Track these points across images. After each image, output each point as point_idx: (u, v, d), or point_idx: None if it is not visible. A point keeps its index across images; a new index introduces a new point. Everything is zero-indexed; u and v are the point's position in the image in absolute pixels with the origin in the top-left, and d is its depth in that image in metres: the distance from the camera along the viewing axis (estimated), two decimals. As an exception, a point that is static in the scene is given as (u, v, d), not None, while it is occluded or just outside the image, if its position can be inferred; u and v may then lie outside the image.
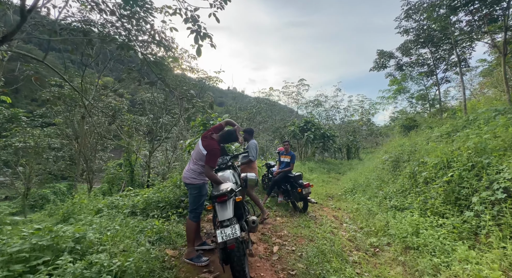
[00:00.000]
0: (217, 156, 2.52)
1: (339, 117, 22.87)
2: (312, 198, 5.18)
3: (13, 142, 13.89)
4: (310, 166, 12.30)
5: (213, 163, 2.49)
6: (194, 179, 2.55)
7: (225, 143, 2.77)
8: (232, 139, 2.74)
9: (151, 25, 4.54)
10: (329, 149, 15.59)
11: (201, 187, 2.57)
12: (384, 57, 13.80)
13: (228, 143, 2.74)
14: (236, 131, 2.75)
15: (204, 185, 2.59)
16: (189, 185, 2.57)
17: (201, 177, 2.56)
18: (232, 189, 2.22)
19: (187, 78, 11.09)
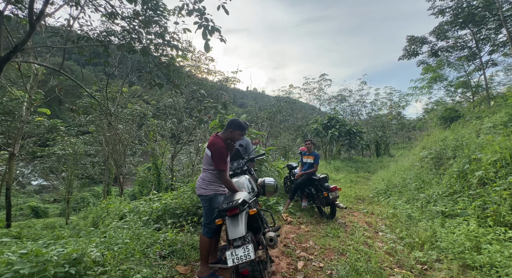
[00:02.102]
0: (223, 155, 2.19)
1: (365, 112, 21.52)
2: (340, 202, 4.69)
3: (55, 150, 15.18)
4: (336, 165, 11.58)
5: (223, 165, 2.17)
6: (203, 190, 2.28)
7: (233, 139, 2.39)
8: (240, 127, 2.35)
9: (164, 28, 4.43)
10: (356, 146, 14.61)
11: (211, 198, 2.25)
12: (416, 43, 12.51)
13: (237, 140, 2.37)
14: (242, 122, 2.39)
15: (215, 197, 2.26)
16: (200, 196, 2.32)
17: (211, 187, 2.28)
18: (244, 200, 1.89)
19: (196, 78, 11.12)
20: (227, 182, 2.20)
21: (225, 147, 2.25)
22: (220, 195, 2.29)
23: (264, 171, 6.21)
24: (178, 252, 2.61)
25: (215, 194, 2.27)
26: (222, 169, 2.18)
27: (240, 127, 2.33)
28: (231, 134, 2.32)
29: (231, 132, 2.33)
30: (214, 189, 2.28)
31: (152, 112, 16.88)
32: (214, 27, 2.94)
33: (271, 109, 13.70)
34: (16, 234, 5.22)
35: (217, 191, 2.28)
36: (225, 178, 2.20)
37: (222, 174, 2.18)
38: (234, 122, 2.33)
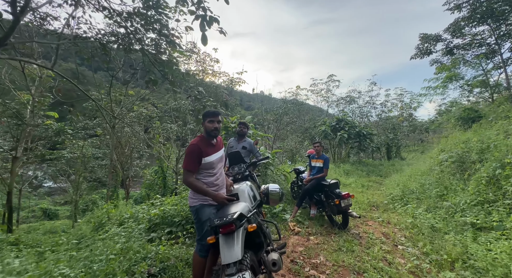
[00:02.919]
0: (191, 153, 1.89)
1: (375, 114, 20.85)
2: (353, 210, 4.30)
3: (63, 153, 15.34)
4: (346, 168, 11.08)
5: (188, 164, 1.87)
6: (190, 199, 1.98)
7: (211, 136, 2.03)
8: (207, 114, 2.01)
9: (166, 27, 4.20)
10: (366, 149, 14.06)
11: (198, 210, 1.93)
12: (429, 41, 11.96)
13: (210, 129, 1.99)
14: None
15: (202, 208, 1.93)
16: (190, 207, 2.02)
17: (197, 196, 1.96)
18: (241, 214, 1.56)
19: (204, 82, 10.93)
20: (190, 183, 1.87)
21: (196, 144, 1.92)
22: (209, 206, 1.95)
23: (270, 175, 5.86)
24: (171, 269, 2.30)
25: (202, 204, 1.94)
26: (186, 168, 1.88)
27: (207, 114, 2.01)
28: (204, 127, 2.03)
29: (203, 124, 2.05)
30: (200, 198, 1.95)
31: (159, 115, 16.87)
32: (212, 17, 2.66)
33: (277, 111, 13.35)
34: (14, 240, 5.05)
35: (204, 200, 1.95)
36: (187, 179, 1.88)
37: (185, 175, 1.88)
38: (203, 115, 2.05)
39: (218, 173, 2.06)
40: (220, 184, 2.06)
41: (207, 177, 1.98)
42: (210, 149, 1.99)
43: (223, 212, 1.67)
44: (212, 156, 1.98)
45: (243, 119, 6.51)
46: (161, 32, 3.92)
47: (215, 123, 2.00)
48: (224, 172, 2.99)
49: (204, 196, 1.93)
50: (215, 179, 2.02)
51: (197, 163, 1.90)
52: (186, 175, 1.88)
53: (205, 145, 1.96)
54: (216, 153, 2.05)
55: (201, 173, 1.97)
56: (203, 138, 2.02)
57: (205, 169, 1.96)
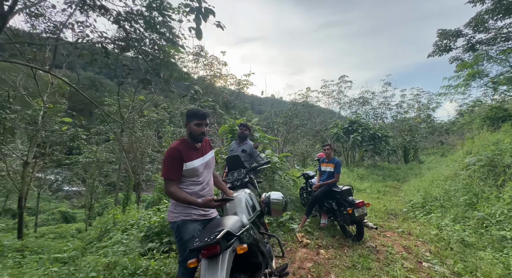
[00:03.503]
0: (169, 159, 1.63)
1: (390, 115, 19.97)
2: (368, 220, 3.90)
3: (78, 158, 15.78)
4: (360, 172, 10.52)
5: (168, 173, 1.62)
6: (170, 214, 1.72)
7: (196, 140, 1.75)
8: (195, 115, 1.72)
9: (170, 28, 4.07)
10: (381, 152, 13.35)
11: (179, 226, 1.65)
12: (448, 37, 11.27)
13: (196, 133, 1.72)
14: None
15: (184, 225, 1.64)
16: None
17: (179, 209, 1.68)
18: (229, 232, 1.29)
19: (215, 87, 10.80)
20: (172, 193, 1.60)
21: (175, 148, 1.65)
22: (193, 222, 1.66)
23: (278, 180, 5.55)
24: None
25: (184, 220, 1.65)
26: (166, 178, 1.62)
27: (194, 115, 1.71)
28: (189, 129, 1.75)
29: (187, 125, 1.76)
30: (182, 212, 1.67)
31: (169, 119, 17.03)
32: (207, 8, 2.45)
33: (287, 114, 13.01)
34: (20, 247, 5.04)
35: (187, 215, 1.66)
36: (168, 189, 1.61)
37: (165, 184, 1.62)
38: (188, 113, 1.75)
39: (205, 182, 1.78)
40: (208, 195, 1.77)
41: (192, 185, 1.71)
42: (193, 153, 1.73)
43: (211, 228, 1.40)
44: (195, 161, 1.71)
45: (249, 121, 6.27)
46: (163, 34, 3.78)
47: (202, 127, 1.73)
48: (223, 178, 2.73)
49: (187, 210, 1.66)
50: (201, 188, 1.74)
51: (178, 170, 1.63)
52: (167, 184, 1.62)
53: (186, 149, 1.70)
54: (202, 157, 1.77)
55: (184, 182, 1.70)
56: (185, 141, 1.74)
57: (188, 177, 1.69)
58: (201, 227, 1.66)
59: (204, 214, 1.73)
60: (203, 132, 1.73)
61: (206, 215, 1.74)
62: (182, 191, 1.64)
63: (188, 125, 1.74)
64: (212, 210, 1.80)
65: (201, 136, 1.74)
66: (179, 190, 1.62)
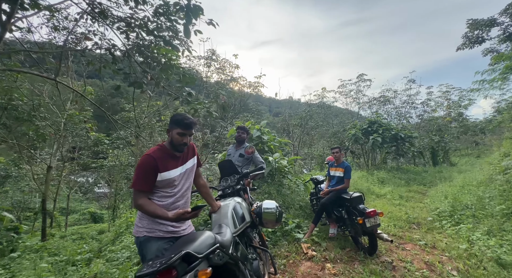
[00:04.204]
0: (142, 168, 1.45)
1: (415, 115, 18.66)
2: (383, 231, 3.52)
3: (103, 162, 16.70)
4: (380, 176, 9.83)
5: (137, 183, 1.45)
6: (135, 227, 1.54)
7: (178, 149, 1.57)
8: (178, 123, 1.52)
9: (176, 33, 4.07)
10: (405, 154, 12.41)
11: (142, 243, 1.46)
12: (480, 27, 10.24)
13: (179, 143, 1.54)
14: None
15: (147, 241, 1.44)
16: None
17: (144, 223, 1.48)
18: (189, 253, 1.09)
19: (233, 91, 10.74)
20: (140, 206, 1.42)
21: (150, 155, 1.48)
22: (158, 240, 1.45)
23: (287, 185, 5.29)
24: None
25: (147, 236, 1.45)
26: (135, 188, 1.45)
27: (177, 123, 1.52)
28: (170, 136, 1.57)
29: (168, 132, 1.59)
30: (146, 227, 1.46)
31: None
32: (196, 5, 2.33)
33: (301, 115, 12.61)
34: (39, 248, 5.29)
35: (151, 231, 1.46)
36: (137, 201, 1.42)
37: (134, 196, 1.45)
38: (172, 119, 1.58)
39: (180, 193, 1.58)
40: (182, 209, 1.56)
41: (164, 198, 1.52)
42: (171, 162, 1.56)
43: (174, 248, 1.22)
44: (172, 171, 1.54)
45: (270, 125, 6.09)
46: (161, 37, 3.75)
47: (186, 137, 1.54)
48: (215, 185, 2.58)
49: (151, 225, 1.47)
50: (174, 200, 1.55)
51: (150, 180, 1.46)
52: (137, 196, 1.44)
53: (163, 157, 1.53)
54: (180, 166, 1.60)
55: (155, 193, 1.52)
56: (164, 148, 1.57)
57: (161, 187, 1.52)
58: (168, 245, 1.46)
59: (173, 231, 1.51)
60: (185, 143, 1.55)
61: (175, 231, 1.52)
62: (152, 203, 1.46)
63: (170, 132, 1.57)
64: (185, 226, 1.61)
65: (182, 147, 1.56)
66: (149, 202, 1.44)
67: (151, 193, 1.50)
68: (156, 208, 1.43)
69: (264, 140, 5.78)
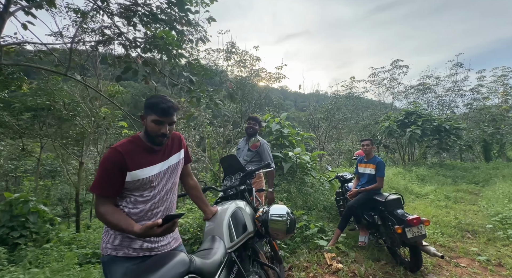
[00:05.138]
0: (104, 165, 1.12)
1: (462, 103, 16.38)
2: (432, 239, 2.89)
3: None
4: (420, 172, 8.70)
5: (97, 186, 1.12)
6: (102, 243, 1.21)
7: (156, 142, 1.23)
8: (153, 108, 1.18)
9: (189, 23, 3.83)
10: (450, 147, 10.87)
11: (105, 264, 1.15)
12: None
13: (155, 133, 1.20)
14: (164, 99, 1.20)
15: (112, 262, 1.13)
16: None
17: (109, 238, 1.16)
18: None
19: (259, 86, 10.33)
20: (101, 216, 1.08)
21: (116, 149, 1.14)
22: (126, 260, 1.12)
23: (310, 183, 4.79)
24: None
25: (111, 256, 1.13)
26: (94, 193, 1.12)
27: (151, 108, 1.17)
28: (145, 125, 1.21)
29: (142, 119, 1.24)
30: (112, 243, 1.14)
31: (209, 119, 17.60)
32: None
33: (327, 107, 11.74)
34: (70, 240, 5.56)
35: (117, 249, 1.13)
36: (98, 209, 1.10)
37: (96, 202, 1.12)
38: (146, 102, 1.22)
39: (158, 197, 1.24)
40: (160, 217, 1.26)
41: (135, 204, 1.18)
42: (146, 158, 1.22)
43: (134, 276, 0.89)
44: (147, 169, 1.20)
45: (295, 120, 5.64)
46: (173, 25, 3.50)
47: (164, 126, 1.18)
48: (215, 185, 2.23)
49: (118, 241, 1.13)
50: (151, 206, 1.21)
51: (115, 182, 1.13)
52: (98, 202, 1.12)
53: (135, 151, 1.19)
54: (160, 163, 1.26)
55: (126, 197, 1.19)
56: (137, 140, 1.23)
57: (134, 190, 1.18)
58: (136, 265, 1.12)
59: (149, 247, 1.18)
60: (163, 134, 1.19)
61: (152, 248, 1.19)
62: (117, 212, 1.11)
63: (145, 119, 1.22)
64: (167, 240, 1.26)
65: (160, 139, 1.21)
66: (113, 211, 1.10)
67: (117, 198, 1.18)
68: (120, 219, 1.08)
69: (284, 134, 5.32)
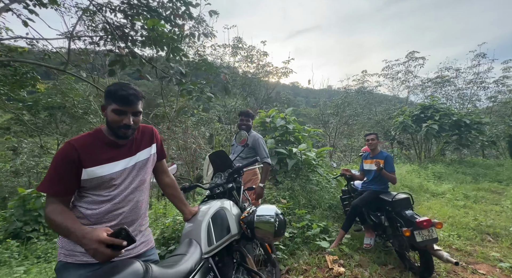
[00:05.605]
0: (53, 164, 1.00)
1: (485, 97, 15.33)
2: (443, 245, 2.65)
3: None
4: (437, 170, 8.21)
5: (47, 184, 0.99)
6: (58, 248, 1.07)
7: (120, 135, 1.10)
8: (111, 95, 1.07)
9: (190, 17, 3.75)
10: (471, 143, 10.18)
11: (58, 271, 1.03)
12: None
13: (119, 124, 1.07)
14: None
15: (62, 270, 1.02)
16: None
17: (63, 242, 1.04)
18: None
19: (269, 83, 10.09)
20: (48, 218, 0.95)
21: (71, 144, 1.02)
22: (78, 267, 1.00)
23: (315, 180, 4.59)
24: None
25: (64, 262, 1.01)
26: (42, 191, 1.00)
27: (111, 97, 1.05)
28: (105, 115, 1.09)
29: (103, 110, 1.12)
30: (66, 248, 1.02)
31: (218, 116, 17.66)
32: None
33: (336, 102, 11.34)
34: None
35: (70, 254, 1.01)
36: (46, 210, 0.96)
37: (46, 202, 0.99)
38: (105, 91, 1.09)
39: (120, 197, 1.11)
40: (127, 220, 1.12)
41: (94, 204, 1.07)
42: (107, 152, 1.10)
43: None
44: (107, 166, 1.08)
45: (306, 116, 5.45)
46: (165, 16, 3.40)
47: (127, 116, 1.06)
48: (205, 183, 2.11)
49: (72, 245, 1.01)
50: (111, 208, 1.09)
51: (67, 180, 1.01)
52: (47, 202, 1.00)
53: (93, 145, 1.07)
54: (125, 159, 1.14)
55: (84, 196, 1.07)
56: (98, 134, 1.11)
57: (91, 189, 1.07)
58: (91, 272, 1.00)
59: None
60: (126, 125, 1.06)
61: (127, 250, 1.09)
62: (64, 212, 0.97)
63: (105, 110, 1.10)
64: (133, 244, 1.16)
65: (123, 131, 1.08)
66: (59, 210, 0.97)
67: (70, 198, 1.06)
68: (66, 219, 0.94)
69: (290, 130, 5.14)
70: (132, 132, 1.13)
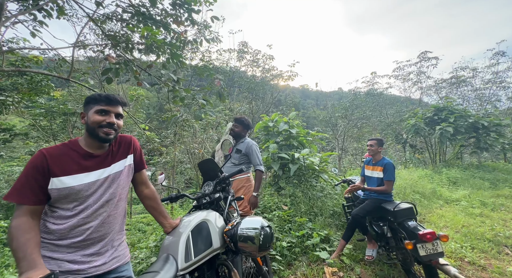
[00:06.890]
0: (23, 172, 0.99)
1: (505, 97, 14.54)
2: (457, 255, 2.48)
3: (157, 159, 18.55)
4: (452, 175, 7.80)
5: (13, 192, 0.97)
6: None
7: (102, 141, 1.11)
8: (93, 100, 1.11)
9: (193, 23, 3.83)
10: (490, 147, 9.62)
11: None
12: None
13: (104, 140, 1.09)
14: None
15: None
16: None
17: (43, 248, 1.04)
18: None
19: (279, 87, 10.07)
20: (9, 232, 0.92)
21: (42, 153, 1.00)
22: None
23: (319, 187, 4.46)
24: None
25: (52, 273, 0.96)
26: (10, 200, 0.96)
27: (94, 101, 1.09)
28: (87, 122, 1.09)
29: (82, 117, 1.12)
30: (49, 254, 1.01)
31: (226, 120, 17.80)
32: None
33: (344, 105, 11.10)
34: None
35: (55, 265, 0.99)
36: (11, 221, 0.94)
37: (14, 213, 0.96)
38: (86, 99, 1.10)
39: (88, 211, 1.06)
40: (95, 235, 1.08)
41: (60, 219, 1.03)
42: (78, 163, 1.07)
43: None
44: (77, 177, 1.05)
45: (316, 119, 5.37)
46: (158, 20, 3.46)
47: (110, 115, 1.08)
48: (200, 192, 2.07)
49: (57, 251, 1.00)
50: (77, 222, 1.04)
51: (34, 189, 0.98)
52: (15, 213, 0.96)
53: (64, 155, 1.05)
54: (97, 170, 1.11)
55: (52, 210, 1.04)
56: (73, 144, 1.10)
57: (58, 202, 1.03)
58: None
59: (76, 269, 1.02)
60: (110, 123, 1.07)
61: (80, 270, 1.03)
62: (30, 233, 0.92)
63: (85, 116, 1.10)
64: (104, 259, 1.10)
65: (106, 131, 1.07)
66: (27, 230, 0.92)
67: (40, 209, 1.02)
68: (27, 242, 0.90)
69: (293, 134, 5.05)
70: (115, 135, 1.13)
